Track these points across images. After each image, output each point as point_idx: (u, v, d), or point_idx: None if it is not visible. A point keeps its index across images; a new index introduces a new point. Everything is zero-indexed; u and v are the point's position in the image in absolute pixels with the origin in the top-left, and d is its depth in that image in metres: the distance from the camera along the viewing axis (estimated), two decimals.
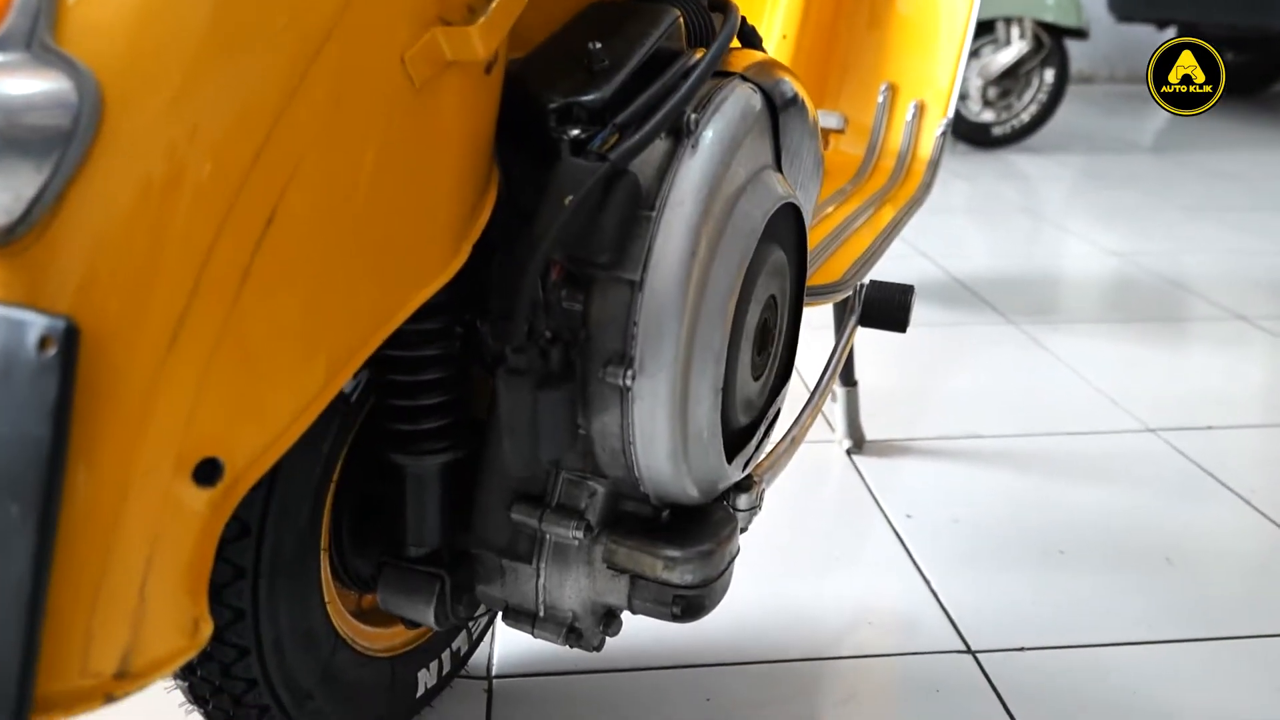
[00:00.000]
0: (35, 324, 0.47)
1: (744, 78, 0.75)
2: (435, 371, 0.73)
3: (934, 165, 1.53)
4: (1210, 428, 1.64)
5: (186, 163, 0.49)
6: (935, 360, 1.97)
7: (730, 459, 0.77)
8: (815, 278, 1.15)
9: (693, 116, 0.69)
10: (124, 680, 0.50)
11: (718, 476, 0.77)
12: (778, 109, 0.78)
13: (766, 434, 0.86)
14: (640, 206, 0.68)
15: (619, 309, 0.68)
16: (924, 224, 2.31)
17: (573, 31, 0.73)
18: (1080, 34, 3.83)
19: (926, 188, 1.52)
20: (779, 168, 0.80)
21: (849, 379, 1.54)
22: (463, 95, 0.62)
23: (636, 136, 0.66)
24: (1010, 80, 3.92)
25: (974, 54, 3.83)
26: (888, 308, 1.17)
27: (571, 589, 0.76)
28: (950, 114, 1.55)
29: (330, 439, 0.73)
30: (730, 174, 0.71)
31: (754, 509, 0.84)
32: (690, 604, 0.74)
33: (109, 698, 0.50)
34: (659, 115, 0.67)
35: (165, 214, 0.49)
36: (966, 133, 4.00)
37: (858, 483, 1.45)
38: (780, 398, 0.87)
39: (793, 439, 0.98)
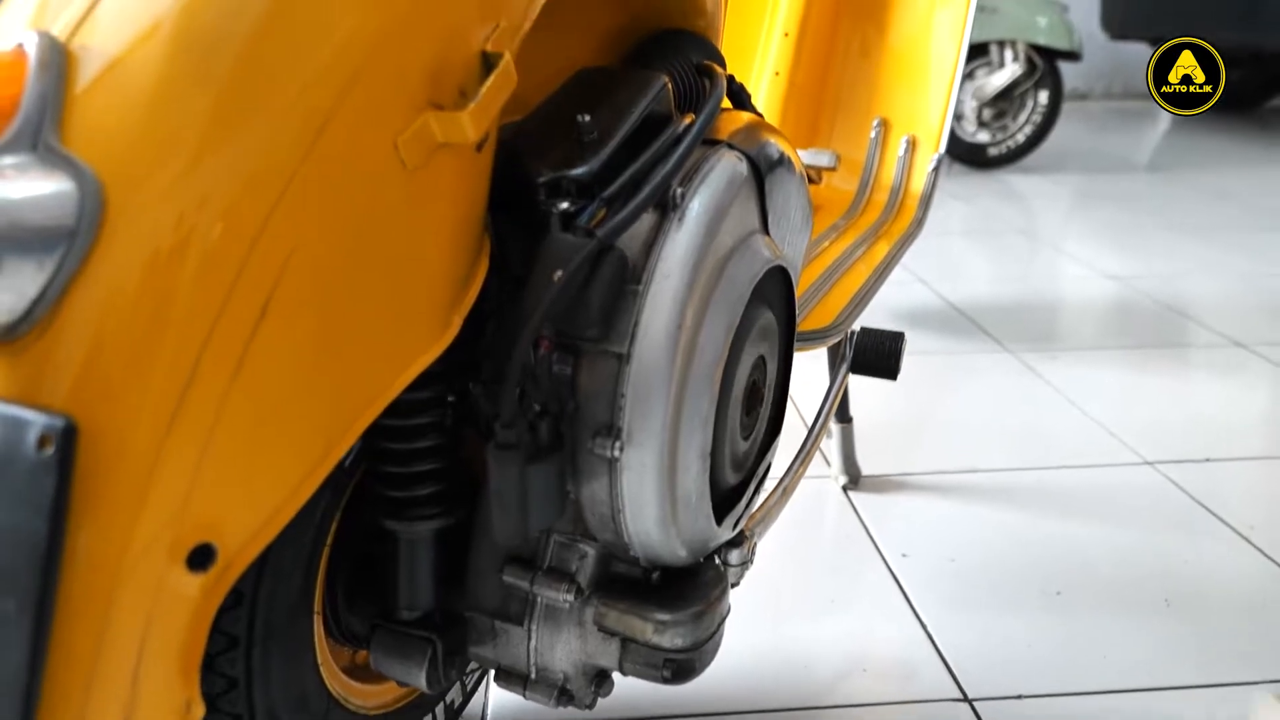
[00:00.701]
0: (35, 423, 0.48)
1: (730, 145, 0.76)
2: (428, 439, 0.73)
3: (926, 200, 1.54)
4: (1208, 460, 1.64)
5: (184, 258, 0.50)
6: (932, 391, 1.98)
7: (720, 519, 0.78)
8: (807, 322, 1.16)
9: (679, 191, 0.70)
10: None
11: (707, 538, 0.77)
12: (763, 173, 0.79)
13: (757, 490, 0.86)
14: (627, 281, 0.68)
15: (606, 381, 0.69)
16: (920, 247, 2.29)
17: (562, 100, 0.74)
18: (1073, 56, 3.86)
19: (919, 223, 1.53)
20: (766, 230, 0.81)
21: (844, 416, 1.54)
22: (454, 175, 0.62)
23: (623, 213, 0.67)
24: (1005, 101, 3.95)
25: (968, 76, 3.85)
26: (878, 356, 1.18)
27: (563, 651, 0.77)
28: (942, 149, 1.57)
29: (323, 506, 0.74)
30: (716, 244, 0.71)
31: (745, 564, 0.84)
32: (681, 667, 0.75)
33: None
34: (645, 190, 0.68)
35: (163, 310, 0.50)
36: (962, 153, 4.02)
37: (854, 520, 1.46)
38: (770, 454, 0.88)
39: (785, 489, 0.99)
